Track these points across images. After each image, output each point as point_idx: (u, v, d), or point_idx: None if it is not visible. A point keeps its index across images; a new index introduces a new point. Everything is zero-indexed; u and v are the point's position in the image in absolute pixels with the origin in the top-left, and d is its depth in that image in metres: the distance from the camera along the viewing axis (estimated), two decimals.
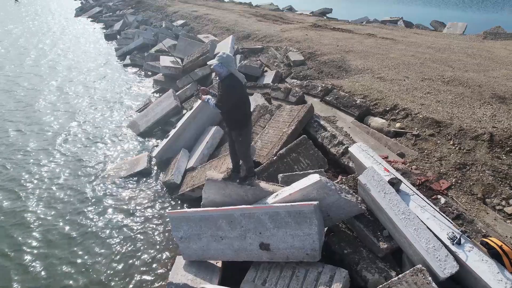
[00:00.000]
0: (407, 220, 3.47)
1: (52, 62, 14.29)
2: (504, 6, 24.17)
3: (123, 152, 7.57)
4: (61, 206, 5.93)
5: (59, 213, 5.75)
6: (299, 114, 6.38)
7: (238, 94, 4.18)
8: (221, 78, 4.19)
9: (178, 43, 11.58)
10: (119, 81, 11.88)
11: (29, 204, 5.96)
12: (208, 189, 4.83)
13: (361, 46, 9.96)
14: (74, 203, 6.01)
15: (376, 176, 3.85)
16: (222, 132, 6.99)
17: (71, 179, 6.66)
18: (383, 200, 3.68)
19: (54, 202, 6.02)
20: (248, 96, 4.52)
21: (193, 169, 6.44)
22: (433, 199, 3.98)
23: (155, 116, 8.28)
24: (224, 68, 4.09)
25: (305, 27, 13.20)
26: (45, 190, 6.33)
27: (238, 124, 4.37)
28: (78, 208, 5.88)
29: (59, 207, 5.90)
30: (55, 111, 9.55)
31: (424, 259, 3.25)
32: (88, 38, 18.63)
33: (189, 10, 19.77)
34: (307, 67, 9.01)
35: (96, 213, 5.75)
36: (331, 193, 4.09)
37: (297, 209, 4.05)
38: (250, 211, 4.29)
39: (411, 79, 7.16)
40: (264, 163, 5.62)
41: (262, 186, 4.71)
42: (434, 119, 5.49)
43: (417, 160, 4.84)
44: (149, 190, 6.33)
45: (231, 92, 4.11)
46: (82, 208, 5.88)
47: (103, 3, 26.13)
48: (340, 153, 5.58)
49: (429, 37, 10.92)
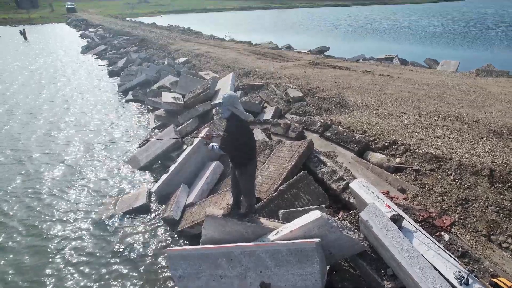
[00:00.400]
0: (412, 259, 3.39)
1: (54, 96, 14.59)
2: (493, 45, 25.08)
3: (122, 187, 7.52)
4: (56, 240, 5.80)
5: (54, 248, 5.61)
6: (299, 150, 6.42)
7: (240, 133, 4.25)
8: (224, 118, 4.34)
9: (180, 79, 11.88)
10: (120, 116, 12.06)
11: (19, 237, 5.82)
12: (208, 226, 4.76)
13: (358, 82, 10.22)
14: (70, 237, 5.88)
15: (378, 212, 3.81)
16: (222, 167, 7.00)
17: (68, 213, 6.57)
18: (386, 238, 3.62)
19: (49, 237, 5.89)
20: (252, 134, 4.63)
21: (192, 205, 6.37)
22: (437, 236, 3.91)
23: (155, 151, 8.32)
24: (225, 110, 4.21)
25: (303, 65, 13.61)
26: (39, 223, 6.22)
27: (241, 162, 4.41)
28: (73, 243, 5.75)
29: (54, 242, 5.77)
30: (54, 144, 9.61)
31: None
32: (92, 74, 19.15)
33: (191, 48, 20.46)
34: (306, 103, 9.20)
35: (93, 250, 5.61)
36: (332, 230, 4.02)
37: (298, 247, 3.97)
38: (251, 248, 4.20)
39: (409, 115, 7.28)
40: (264, 199, 5.57)
41: (262, 223, 4.65)
42: (433, 154, 5.52)
43: (419, 196, 4.81)
44: (147, 226, 6.22)
45: (233, 133, 4.22)
46: (77, 243, 5.74)
47: (108, 41, 27.11)
48: (341, 188, 5.56)
49: (424, 74, 11.24)
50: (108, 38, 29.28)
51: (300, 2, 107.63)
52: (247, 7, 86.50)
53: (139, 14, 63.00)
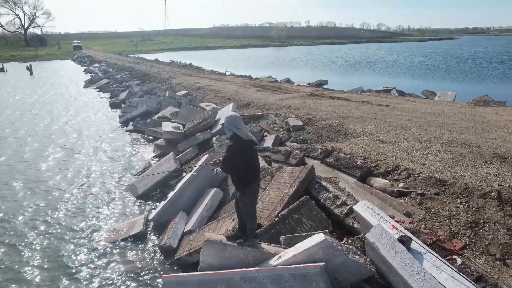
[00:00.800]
0: (423, 281, 3.19)
1: (50, 127, 14.64)
2: (486, 79, 25.70)
3: (119, 215, 7.31)
4: (49, 268, 5.52)
5: (46, 276, 5.33)
6: (300, 175, 6.31)
7: (240, 153, 4.18)
8: (226, 138, 4.37)
9: (181, 110, 11.99)
10: (120, 146, 12.02)
11: (12, 264, 5.54)
12: (206, 252, 4.54)
13: (358, 112, 10.30)
14: (64, 265, 5.61)
15: (385, 233, 3.64)
16: (222, 194, 6.85)
17: (61, 240, 6.32)
18: (394, 260, 3.42)
19: (41, 265, 5.62)
20: (255, 155, 4.53)
21: (190, 233, 6.14)
22: (448, 260, 3.71)
23: (154, 179, 8.19)
24: (227, 130, 4.23)
25: (302, 96, 13.82)
26: (32, 250, 5.95)
27: (241, 183, 4.34)
28: (67, 271, 5.48)
29: (46, 270, 5.49)
30: (53, 172, 9.48)
31: None
32: (94, 106, 19.40)
33: (192, 82, 20.90)
34: (306, 131, 9.20)
35: (85, 278, 5.32)
36: (337, 253, 3.83)
37: (301, 272, 3.76)
38: (251, 274, 3.98)
39: (410, 141, 7.25)
40: (265, 225, 5.38)
41: (263, 248, 4.45)
42: (437, 178, 5.42)
43: (425, 219, 4.64)
44: (143, 255, 5.96)
45: (232, 152, 4.18)
46: (71, 271, 5.47)
47: (111, 75, 27.77)
48: (344, 213, 5.38)
49: (422, 104, 11.38)
50: (111, 73, 30.02)
51: (298, 41, 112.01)
52: (247, 45, 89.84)
53: (142, 51, 65.27)
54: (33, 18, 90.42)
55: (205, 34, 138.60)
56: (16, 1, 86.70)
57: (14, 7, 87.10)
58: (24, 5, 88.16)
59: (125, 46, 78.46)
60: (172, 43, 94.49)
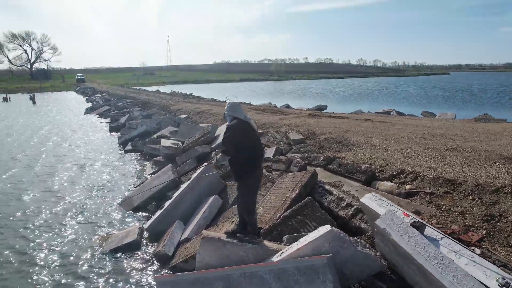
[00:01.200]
0: (442, 266, 2.89)
1: (51, 149, 14.47)
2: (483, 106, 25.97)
3: (112, 226, 6.97)
4: (41, 279, 5.12)
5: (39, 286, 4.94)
6: (302, 180, 6.07)
7: (241, 134, 4.03)
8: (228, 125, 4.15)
9: (180, 127, 11.91)
10: (117, 163, 11.80)
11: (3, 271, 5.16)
12: (203, 250, 4.23)
13: (359, 127, 10.20)
14: (56, 274, 5.24)
15: (396, 219, 3.38)
16: (220, 201, 6.57)
17: (55, 251, 5.96)
18: (408, 245, 3.14)
19: (34, 276, 5.24)
20: (256, 140, 4.31)
21: (187, 240, 5.79)
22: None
23: (151, 190, 7.91)
24: (227, 116, 4.23)
25: (303, 116, 13.79)
26: (23, 260, 5.58)
27: (243, 169, 4.10)
28: (59, 281, 5.10)
29: (39, 281, 5.09)
30: (48, 191, 9.19)
31: None
32: (94, 130, 19.36)
33: (193, 107, 21.02)
34: (307, 144, 9.04)
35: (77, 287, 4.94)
36: (345, 245, 3.55)
37: (307, 264, 3.45)
38: (252, 269, 3.67)
39: (414, 149, 7.07)
40: (266, 227, 5.07)
41: (265, 245, 4.14)
42: (446, 178, 5.19)
43: (436, 216, 4.36)
44: (137, 264, 5.58)
45: (234, 133, 4.02)
46: (63, 281, 5.09)
47: (112, 103, 28.01)
48: (350, 215, 5.09)
49: (423, 120, 11.33)
50: (112, 101, 30.32)
51: (296, 75, 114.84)
52: (246, 79, 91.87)
53: (145, 84, 66.55)
54: (40, 53, 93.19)
55: (206, 69, 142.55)
56: (25, 37, 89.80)
57: (23, 43, 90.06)
58: (32, 41, 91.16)
59: (128, 80, 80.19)
60: (173, 76, 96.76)
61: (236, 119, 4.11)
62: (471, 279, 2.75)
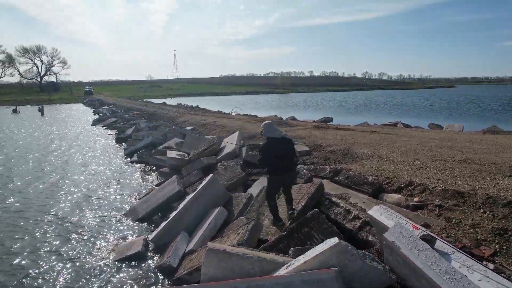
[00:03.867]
0: (454, 281, 2.80)
1: (57, 159, 14.56)
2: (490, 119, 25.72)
3: (117, 237, 6.91)
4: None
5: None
6: (308, 191, 6.01)
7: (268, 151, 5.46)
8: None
9: (186, 139, 11.94)
10: (123, 174, 11.81)
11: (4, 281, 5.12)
12: (208, 262, 4.15)
13: (365, 139, 10.14)
14: (59, 285, 5.17)
15: (405, 232, 3.30)
16: (226, 213, 6.49)
17: (57, 262, 5.90)
18: (418, 259, 3.05)
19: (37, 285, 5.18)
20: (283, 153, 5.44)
21: (192, 252, 5.71)
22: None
23: (156, 201, 7.87)
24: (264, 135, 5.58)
25: (308, 128, 13.79)
26: (26, 268, 5.53)
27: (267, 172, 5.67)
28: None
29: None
30: (53, 198, 9.20)
31: None
32: (100, 141, 19.48)
33: (198, 119, 21.12)
34: (313, 156, 8.99)
35: None
36: (353, 258, 3.47)
37: (315, 277, 3.37)
38: (258, 282, 3.59)
39: (422, 161, 6.99)
40: (272, 239, 5.00)
41: (271, 257, 4.07)
42: (455, 190, 5.10)
43: (446, 229, 4.27)
44: (141, 275, 5.51)
45: (262, 149, 5.62)
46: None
47: (118, 115, 28.27)
48: (357, 227, 5.00)
49: (430, 132, 11.23)
50: (119, 113, 30.62)
51: (302, 88, 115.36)
52: (252, 92, 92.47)
53: (151, 96, 67.28)
54: (50, 66, 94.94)
55: (212, 82, 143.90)
56: (36, 51, 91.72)
57: (34, 57, 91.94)
58: (42, 55, 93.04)
59: (134, 92, 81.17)
60: (180, 89, 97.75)
61: (268, 139, 5.48)
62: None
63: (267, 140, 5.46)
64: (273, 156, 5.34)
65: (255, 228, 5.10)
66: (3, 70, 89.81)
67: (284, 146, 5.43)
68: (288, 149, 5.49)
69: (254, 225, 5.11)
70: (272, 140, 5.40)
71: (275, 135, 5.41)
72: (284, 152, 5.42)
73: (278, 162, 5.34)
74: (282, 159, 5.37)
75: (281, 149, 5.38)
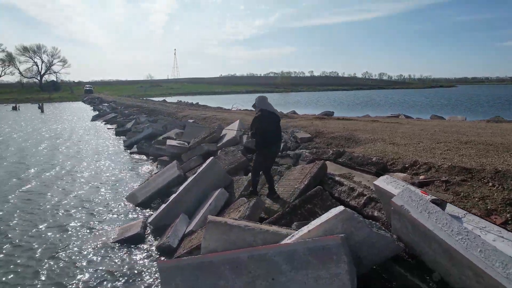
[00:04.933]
0: (467, 241, 2.66)
1: (58, 151, 14.42)
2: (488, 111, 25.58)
3: (116, 220, 6.79)
4: (42, 271, 4.95)
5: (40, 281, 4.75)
6: (311, 171, 5.89)
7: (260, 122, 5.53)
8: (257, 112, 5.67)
9: (186, 129, 11.82)
10: (122, 165, 11.67)
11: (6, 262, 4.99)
12: (209, 235, 4.02)
13: (367, 127, 10.01)
14: (58, 266, 5.04)
15: (414, 196, 3.17)
16: (227, 194, 6.35)
17: (57, 244, 5.79)
18: (428, 221, 2.92)
19: (37, 267, 5.07)
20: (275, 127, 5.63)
21: (192, 233, 5.58)
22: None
23: (156, 186, 7.74)
24: (256, 108, 5.71)
25: (310, 119, 13.66)
26: (27, 254, 5.40)
27: (256, 146, 5.77)
28: (61, 272, 4.92)
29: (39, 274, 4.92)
30: (53, 186, 9.07)
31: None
32: (100, 135, 19.35)
33: (199, 113, 20.99)
34: (315, 142, 8.86)
35: (78, 279, 4.74)
36: (360, 226, 3.33)
37: (320, 244, 3.24)
38: (260, 252, 3.46)
39: (426, 143, 6.86)
40: (275, 216, 4.87)
41: (274, 229, 3.93)
42: (462, 167, 4.97)
43: (455, 202, 4.13)
44: (140, 256, 5.37)
45: (255, 119, 5.62)
46: (65, 272, 4.90)
47: (119, 111, 28.13)
48: (362, 204, 4.88)
49: (432, 121, 11.09)
50: (119, 109, 30.48)
51: (302, 87, 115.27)
52: (252, 91, 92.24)
53: (151, 95, 67.10)
54: (50, 65, 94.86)
55: (212, 82, 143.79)
56: (36, 50, 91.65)
57: (34, 56, 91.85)
58: (43, 54, 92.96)
59: (135, 91, 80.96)
60: (180, 88, 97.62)
61: (262, 111, 5.55)
62: (500, 254, 2.52)
63: (260, 112, 5.56)
64: (264, 126, 5.50)
65: (257, 205, 4.97)
66: (3, 69, 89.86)
67: (275, 119, 5.66)
68: (278, 122, 5.73)
69: (255, 201, 4.98)
70: (265, 112, 5.55)
71: (268, 108, 5.60)
72: (275, 125, 5.63)
73: (269, 133, 5.54)
74: (272, 131, 5.58)
75: (272, 122, 5.58)
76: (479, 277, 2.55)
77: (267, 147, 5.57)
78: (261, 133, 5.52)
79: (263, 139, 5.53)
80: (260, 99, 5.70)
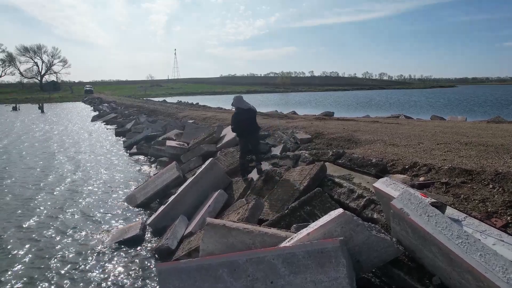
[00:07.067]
0: (467, 245, 2.64)
1: (57, 152, 14.41)
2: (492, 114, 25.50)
3: (115, 222, 6.77)
4: (40, 271, 4.93)
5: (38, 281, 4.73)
6: (311, 172, 5.86)
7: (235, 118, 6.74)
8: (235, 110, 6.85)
9: (185, 129, 11.81)
10: (122, 165, 11.66)
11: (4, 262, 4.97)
12: (208, 238, 4.00)
13: (367, 128, 9.98)
14: (56, 267, 5.02)
15: (414, 198, 3.14)
16: (226, 196, 6.34)
17: (54, 245, 5.75)
18: (428, 224, 2.90)
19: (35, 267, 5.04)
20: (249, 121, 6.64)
21: (191, 235, 5.56)
22: None
23: (154, 187, 7.72)
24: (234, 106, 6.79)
25: (310, 120, 13.63)
26: (24, 254, 5.38)
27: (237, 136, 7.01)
28: (60, 273, 4.91)
29: (38, 273, 4.90)
30: (54, 188, 9.05)
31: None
32: (99, 135, 19.34)
33: (199, 114, 20.97)
34: (315, 143, 8.83)
35: (77, 280, 4.73)
36: (359, 229, 3.31)
37: (318, 247, 3.21)
38: (259, 255, 3.43)
39: (426, 144, 6.83)
40: (274, 217, 4.85)
41: (273, 232, 3.91)
42: (462, 168, 4.94)
43: (455, 204, 4.10)
44: (138, 258, 5.36)
45: (232, 116, 6.87)
46: (63, 273, 4.88)
47: (119, 111, 28.11)
48: (361, 206, 4.85)
49: (433, 122, 11.06)
50: (119, 110, 30.47)
51: (302, 87, 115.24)
52: (253, 91, 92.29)
53: (152, 95, 67.09)
54: (50, 66, 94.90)
55: (212, 82, 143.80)
56: (36, 50, 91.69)
57: (34, 56, 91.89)
58: (43, 54, 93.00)
59: (135, 91, 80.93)
60: (180, 88, 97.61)
61: (237, 109, 6.70)
62: (501, 258, 2.49)
63: (236, 110, 6.72)
64: (239, 121, 6.60)
65: (256, 207, 4.95)
66: (4, 69, 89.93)
67: (248, 115, 6.61)
68: (251, 117, 6.65)
69: (255, 203, 4.96)
70: (239, 110, 6.64)
71: (242, 106, 6.59)
72: (248, 120, 6.59)
73: (243, 127, 6.61)
74: (246, 125, 6.59)
75: (245, 117, 6.58)
76: (479, 281, 2.52)
77: (244, 136, 6.71)
78: (237, 127, 6.68)
79: (240, 131, 6.70)
80: (236, 99, 6.68)
